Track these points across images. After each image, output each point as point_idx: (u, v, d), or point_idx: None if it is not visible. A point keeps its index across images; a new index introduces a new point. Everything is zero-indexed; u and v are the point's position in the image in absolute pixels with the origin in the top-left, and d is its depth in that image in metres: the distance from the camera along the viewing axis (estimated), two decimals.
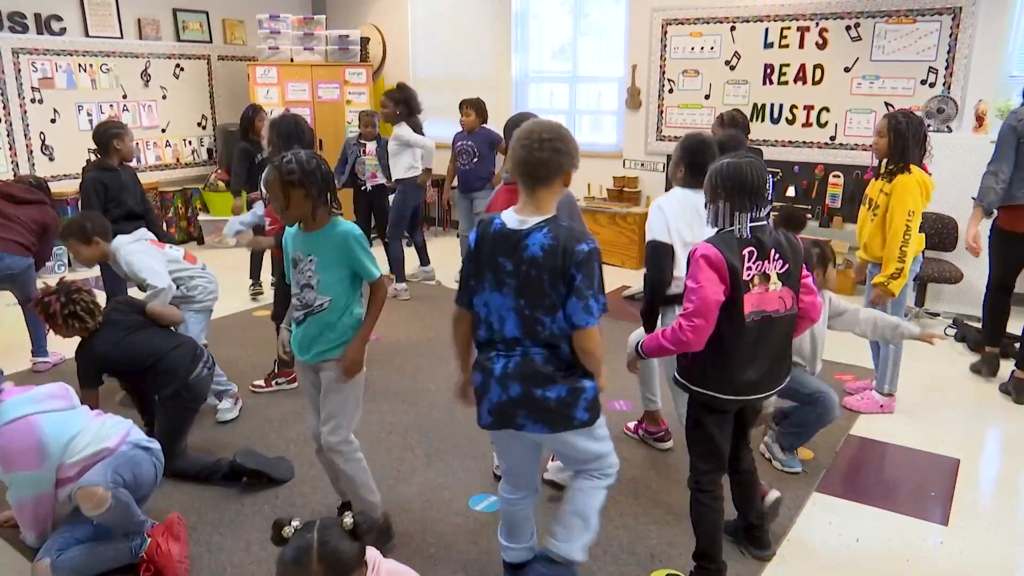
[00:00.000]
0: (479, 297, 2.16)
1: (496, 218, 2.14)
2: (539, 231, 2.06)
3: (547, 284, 2.05)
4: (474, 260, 2.17)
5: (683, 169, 3.04)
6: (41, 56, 6.82)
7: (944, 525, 2.95)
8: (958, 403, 4.06)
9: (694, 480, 2.47)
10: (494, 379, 2.14)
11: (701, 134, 3.16)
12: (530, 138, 2.06)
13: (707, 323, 2.20)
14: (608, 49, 7.39)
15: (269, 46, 7.78)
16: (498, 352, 2.15)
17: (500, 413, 2.16)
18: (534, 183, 2.08)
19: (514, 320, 2.10)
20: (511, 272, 2.08)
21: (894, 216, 3.48)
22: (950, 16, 5.51)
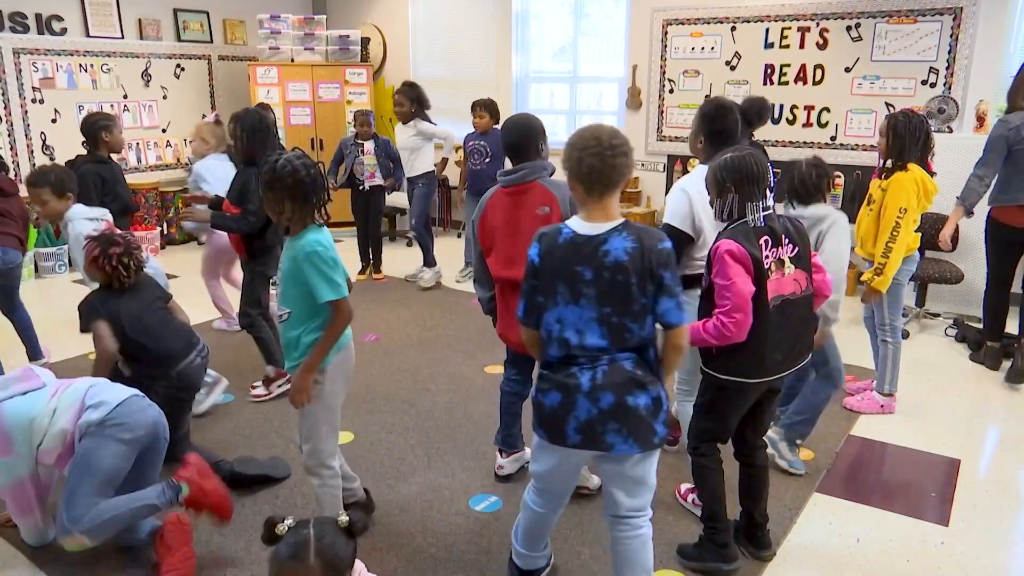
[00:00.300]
0: (550, 313, 2.05)
1: (562, 228, 2.05)
2: (618, 235, 2.00)
3: (635, 288, 1.98)
4: (538, 276, 2.06)
5: (703, 139, 2.91)
6: (42, 56, 6.82)
7: (945, 526, 2.95)
8: (958, 403, 4.06)
9: (693, 447, 2.56)
10: (582, 394, 2.02)
11: (719, 98, 2.99)
12: (600, 144, 1.98)
13: (746, 316, 2.27)
14: (608, 49, 7.39)
15: (270, 46, 7.78)
16: (580, 366, 2.04)
17: (589, 431, 2.04)
18: (605, 189, 2.01)
19: (598, 330, 2.01)
20: (590, 280, 1.99)
21: (886, 212, 3.51)
22: (951, 16, 5.51)
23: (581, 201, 2.05)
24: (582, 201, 2.05)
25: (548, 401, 2.08)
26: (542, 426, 2.12)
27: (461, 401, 4.02)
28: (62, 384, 2.61)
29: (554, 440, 2.09)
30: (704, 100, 2.97)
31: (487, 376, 4.35)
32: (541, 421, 2.12)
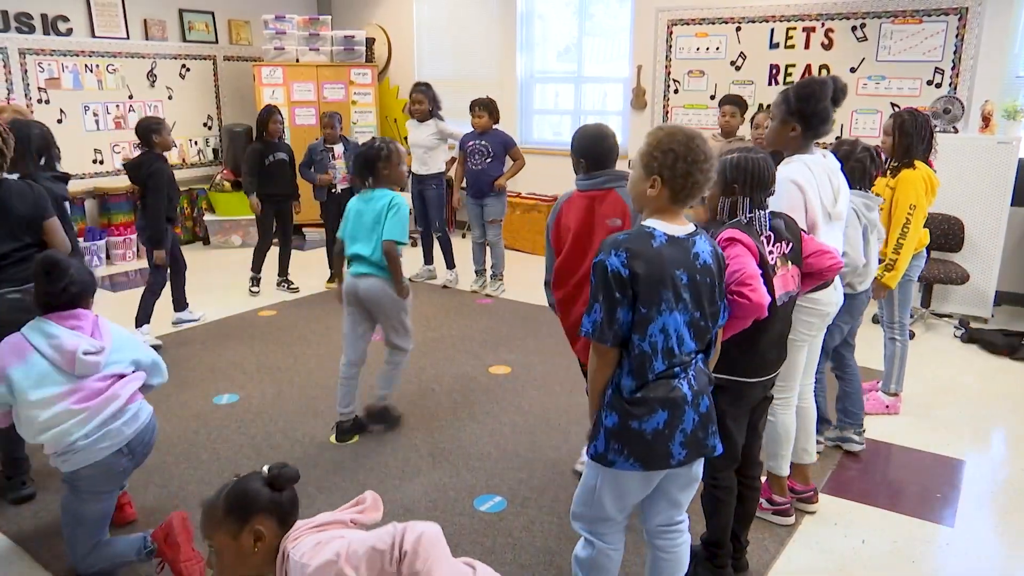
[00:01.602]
0: (653, 325, 1.88)
1: (652, 231, 1.91)
2: (700, 237, 1.96)
3: (717, 291, 1.98)
4: (629, 287, 1.86)
5: (797, 127, 2.65)
6: (48, 57, 6.84)
7: (950, 527, 2.94)
8: (964, 404, 4.05)
9: (711, 476, 2.45)
10: (688, 405, 1.92)
11: (813, 78, 2.70)
12: (709, 162, 1.90)
13: (760, 285, 2.11)
14: (613, 49, 7.39)
15: (275, 46, 7.79)
16: (677, 376, 1.92)
17: (694, 441, 1.96)
18: (692, 202, 1.96)
19: (689, 334, 1.93)
20: (687, 284, 1.90)
21: (896, 209, 3.51)
22: (956, 16, 5.50)
23: (660, 207, 1.94)
24: (661, 206, 1.93)
25: (650, 426, 1.90)
26: (638, 458, 1.92)
27: (466, 402, 4.02)
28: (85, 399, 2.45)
29: (652, 466, 1.94)
30: (794, 85, 2.69)
31: (491, 376, 4.35)
32: (637, 451, 1.92)
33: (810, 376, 2.94)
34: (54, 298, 2.49)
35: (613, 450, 1.94)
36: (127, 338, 2.65)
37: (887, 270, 3.51)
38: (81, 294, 2.55)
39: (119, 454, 2.48)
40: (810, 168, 2.62)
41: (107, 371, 2.50)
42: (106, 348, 2.49)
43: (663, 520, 2.15)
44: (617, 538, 2.12)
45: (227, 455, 3.42)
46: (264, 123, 5.77)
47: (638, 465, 1.93)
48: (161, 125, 4.72)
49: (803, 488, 3.01)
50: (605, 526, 2.08)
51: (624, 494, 2.03)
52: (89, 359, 2.43)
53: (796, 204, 2.57)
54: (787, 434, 2.83)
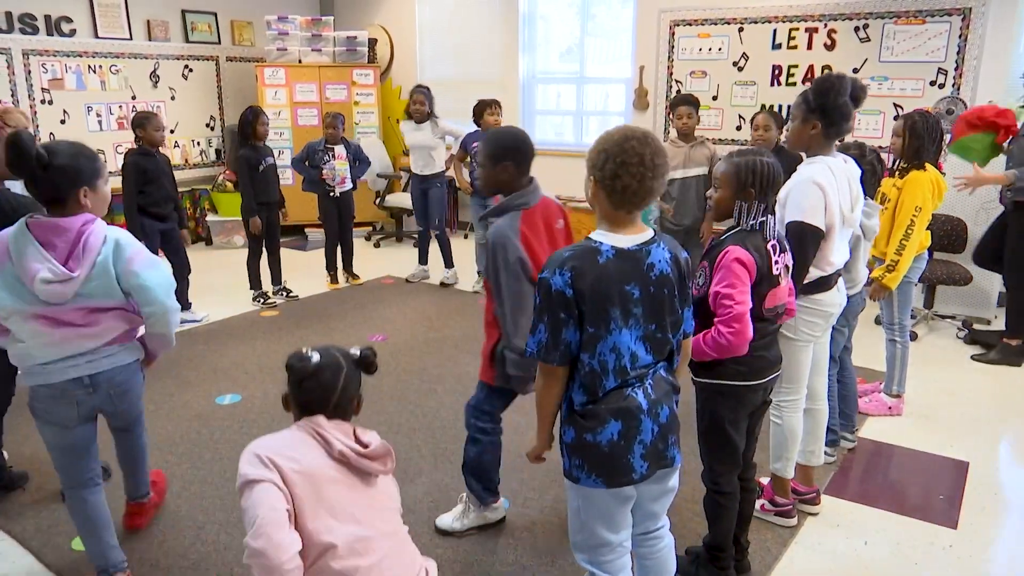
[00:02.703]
0: (602, 344, 1.80)
1: (597, 246, 1.81)
2: (656, 246, 1.85)
3: (676, 299, 1.89)
4: (573, 306, 1.78)
5: (818, 124, 2.60)
6: (51, 57, 6.86)
7: (953, 528, 2.93)
8: (967, 405, 4.04)
9: (712, 481, 2.45)
10: (644, 414, 1.84)
11: (830, 74, 2.66)
12: (643, 164, 1.77)
13: (745, 327, 2.18)
14: (615, 50, 7.38)
15: (277, 47, 7.80)
16: (631, 385, 1.85)
17: (654, 453, 1.88)
18: (635, 209, 1.84)
19: (644, 347, 1.85)
20: (638, 299, 1.81)
21: (901, 209, 3.50)
22: (960, 17, 5.49)
23: (603, 212, 1.86)
24: (606, 213, 1.85)
25: (604, 437, 1.83)
26: (599, 474, 1.86)
27: None
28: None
29: (614, 482, 1.86)
30: (813, 82, 2.64)
31: None
32: (596, 466, 1.85)
33: (822, 377, 2.93)
34: (34, 188, 2.21)
35: (576, 466, 1.89)
36: (122, 264, 2.25)
37: (888, 271, 3.51)
38: (65, 185, 2.19)
39: (77, 383, 2.31)
40: (832, 171, 2.60)
41: (83, 303, 2.23)
42: (77, 277, 2.18)
43: (639, 529, 2.10)
44: (621, 564, 2.01)
45: (229, 455, 3.42)
46: (251, 125, 5.47)
47: (600, 482, 1.86)
48: (147, 120, 4.72)
49: (805, 489, 3.00)
50: (605, 552, 1.98)
51: (605, 514, 1.94)
52: (49, 288, 2.16)
53: (817, 205, 2.54)
54: (793, 437, 2.82)
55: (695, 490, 2.78)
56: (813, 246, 2.58)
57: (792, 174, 2.68)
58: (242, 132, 5.50)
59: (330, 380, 1.81)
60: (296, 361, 1.82)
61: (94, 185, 2.26)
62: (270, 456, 1.68)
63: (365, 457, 1.77)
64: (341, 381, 1.81)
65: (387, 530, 1.80)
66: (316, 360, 1.80)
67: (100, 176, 2.29)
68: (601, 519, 1.95)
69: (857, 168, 2.76)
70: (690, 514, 2.94)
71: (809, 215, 2.54)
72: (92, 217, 2.25)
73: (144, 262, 2.29)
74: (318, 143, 5.95)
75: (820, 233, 2.57)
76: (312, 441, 1.77)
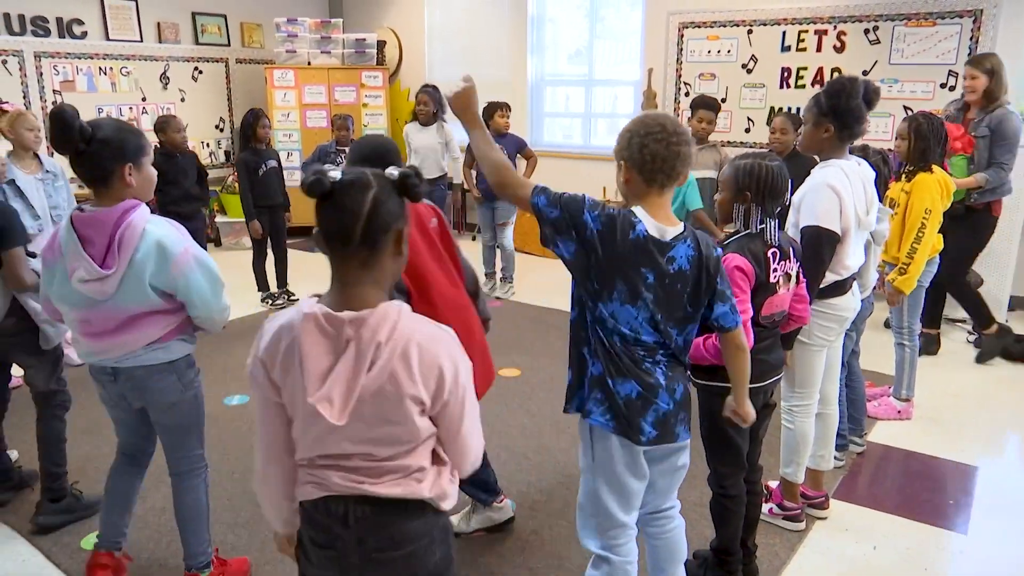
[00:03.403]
0: (604, 306, 1.88)
1: (635, 222, 1.85)
2: (683, 242, 1.88)
3: (688, 297, 1.91)
4: (584, 235, 1.83)
5: (831, 127, 2.59)
6: (63, 59, 6.90)
7: (964, 534, 2.91)
8: (977, 410, 4.01)
9: (718, 484, 2.45)
10: (662, 389, 1.93)
11: (842, 77, 2.65)
12: (665, 131, 1.84)
13: (747, 336, 2.15)
14: (624, 52, 7.38)
15: (287, 49, 7.83)
16: (646, 358, 1.93)
17: (664, 424, 1.94)
18: (667, 180, 1.87)
19: (649, 332, 1.91)
20: (651, 285, 1.86)
21: (911, 213, 3.48)
22: (971, 19, 5.46)
23: (639, 193, 1.90)
24: (641, 193, 1.90)
25: (624, 391, 1.91)
26: (612, 416, 1.92)
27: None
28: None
29: (622, 430, 1.92)
30: (825, 85, 2.64)
31: (501, 379, 4.34)
32: (612, 409, 1.92)
33: (833, 382, 2.92)
34: (78, 167, 2.13)
35: (594, 399, 1.95)
36: (166, 271, 2.12)
37: (900, 274, 3.49)
38: (108, 160, 2.11)
39: (102, 370, 2.28)
40: (847, 174, 2.59)
41: (115, 311, 2.14)
42: (112, 274, 2.09)
43: (650, 508, 2.15)
44: (630, 548, 2.06)
45: (238, 455, 3.43)
46: (252, 128, 5.50)
47: (611, 424, 1.92)
48: (167, 123, 4.91)
49: (814, 494, 2.99)
50: (617, 534, 2.04)
51: (620, 487, 1.99)
52: (87, 287, 2.10)
53: (831, 209, 2.53)
54: (804, 441, 2.81)
55: (702, 494, 2.77)
56: (829, 250, 2.56)
57: (806, 178, 2.67)
58: (243, 135, 5.57)
59: (353, 203, 1.36)
60: (310, 177, 1.36)
61: (139, 162, 2.16)
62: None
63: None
64: (367, 204, 1.36)
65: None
66: (335, 175, 1.37)
67: (145, 153, 2.19)
68: (616, 495, 1.99)
69: (871, 171, 2.75)
70: (697, 517, 2.93)
71: (824, 219, 2.53)
72: (133, 204, 2.12)
73: (188, 264, 2.14)
74: (329, 145, 5.96)
75: (836, 237, 2.56)
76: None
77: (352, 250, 1.38)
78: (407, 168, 1.43)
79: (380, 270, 1.42)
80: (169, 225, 2.18)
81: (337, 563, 1.49)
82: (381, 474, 1.45)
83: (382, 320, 1.37)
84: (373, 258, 1.40)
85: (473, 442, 1.52)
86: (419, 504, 1.48)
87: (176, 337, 2.27)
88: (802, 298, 2.45)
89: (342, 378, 1.36)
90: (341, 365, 1.36)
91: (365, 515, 1.46)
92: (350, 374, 1.36)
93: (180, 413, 2.36)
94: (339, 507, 1.47)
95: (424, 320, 1.44)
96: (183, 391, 2.32)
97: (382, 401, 1.38)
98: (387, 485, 1.45)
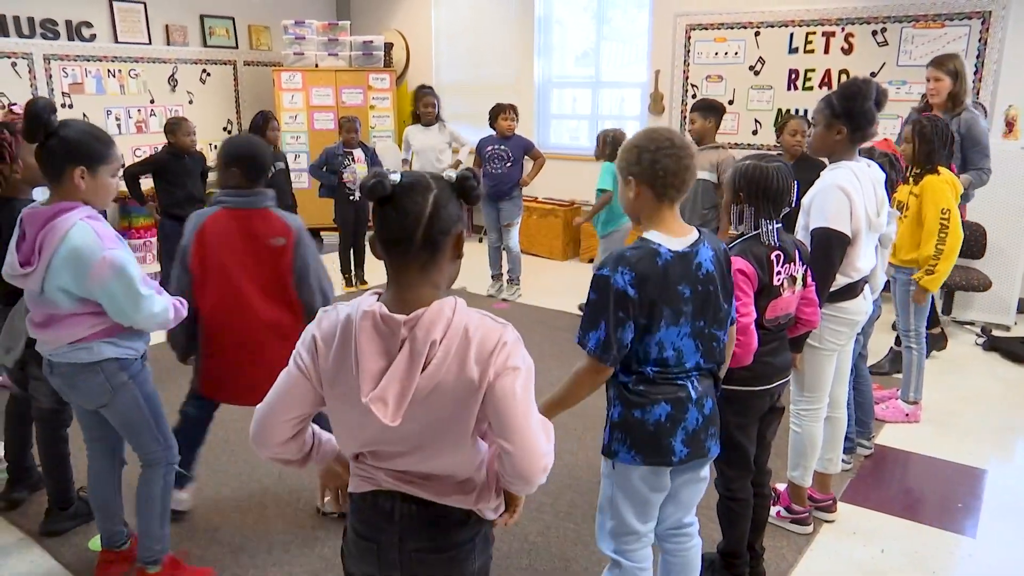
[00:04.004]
0: (650, 338, 1.87)
1: (657, 249, 1.84)
2: (702, 246, 1.89)
3: (721, 296, 1.92)
4: (632, 306, 1.82)
5: (843, 129, 2.57)
6: (72, 62, 6.93)
7: (972, 537, 2.90)
8: (985, 413, 3.99)
9: (725, 487, 2.45)
10: (692, 404, 1.92)
11: (855, 79, 2.64)
12: (675, 145, 1.84)
13: (751, 338, 2.18)
14: (631, 54, 7.38)
15: (294, 51, 7.85)
16: (679, 377, 1.92)
17: (694, 441, 1.94)
18: (677, 194, 1.87)
19: (691, 344, 1.90)
20: (689, 298, 1.87)
21: (927, 217, 3.48)
22: (979, 20, 5.44)
23: (650, 210, 1.89)
24: (652, 209, 1.89)
25: (653, 417, 1.89)
26: (639, 450, 1.92)
27: None
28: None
29: (653, 460, 1.92)
30: (838, 87, 2.63)
31: None
32: (638, 443, 1.91)
33: (843, 385, 2.91)
34: (40, 161, 2.15)
35: (617, 440, 1.94)
36: (80, 267, 2.10)
37: (928, 274, 3.48)
38: (61, 159, 2.12)
39: (42, 358, 2.31)
40: (857, 176, 2.58)
41: (49, 300, 2.15)
42: (31, 272, 2.12)
43: (672, 523, 2.14)
44: (644, 555, 2.07)
45: (245, 457, 3.44)
46: (261, 131, 5.52)
47: (639, 458, 1.91)
48: (177, 126, 4.92)
49: (822, 497, 2.98)
50: (631, 541, 2.04)
51: (639, 500, 2.00)
52: (13, 282, 2.17)
53: (842, 211, 2.52)
54: (813, 445, 2.80)
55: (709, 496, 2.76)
56: (839, 252, 2.55)
57: (815, 180, 2.66)
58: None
59: (414, 205, 1.34)
60: (370, 180, 1.34)
61: (95, 169, 2.16)
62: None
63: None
64: (429, 207, 1.34)
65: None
66: (396, 178, 1.35)
67: (105, 163, 2.19)
68: (634, 506, 2.00)
69: (881, 172, 2.74)
70: (704, 520, 2.91)
71: (834, 221, 2.52)
72: (68, 207, 2.12)
73: (104, 275, 2.11)
74: (336, 147, 5.97)
75: (846, 239, 2.54)
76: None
77: (413, 254, 1.35)
78: (466, 170, 1.41)
79: (439, 273, 1.40)
80: (93, 233, 2.12)
81: (376, 556, 1.49)
82: (430, 477, 1.45)
83: (437, 317, 1.35)
84: (432, 261, 1.37)
85: (541, 446, 1.44)
86: (465, 512, 1.48)
87: (103, 339, 2.24)
88: (811, 302, 2.44)
89: (396, 378, 1.34)
90: (396, 366, 1.34)
91: (411, 514, 1.46)
92: (404, 374, 1.34)
93: (116, 412, 2.35)
94: (387, 503, 1.47)
95: (480, 314, 1.42)
96: (112, 393, 2.29)
97: (436, 400, 1.36)
98: (435, 490, 1.45)
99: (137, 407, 2.35)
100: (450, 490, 1.45)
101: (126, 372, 2.30)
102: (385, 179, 1.33)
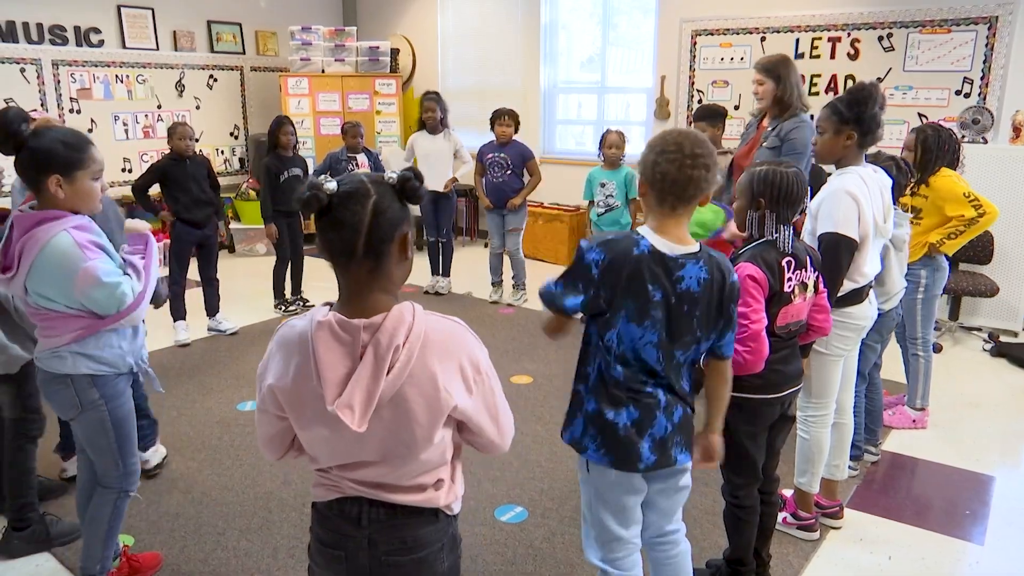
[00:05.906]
0: (611, 330, 1.84)
1: (638, 239, 1.82)
2: (694, 263, 1.83)
3: (697, 320, 1.86)
4: (592, 285, 1.82)
5: (853, 134, 2.57)
6: (80, 68, 6.97)
7: (980, 544, 2.88)
8: (993, 419, 3.98)
9: (731, 495, 2.43)
10: (660, 411, 1.89)
11: (862, 84, 2.64)
12: (681, 151, 1.80)
13: (761, 345, 2.16)
14: (637, 60, 7.38)
15: (301, 57, 7.88)
16: (646, 383, 1.89)
17: (662, 448, 1.91)
18: (677, 202, 1.83)
19: (653, 354, 1.86)
20: (659, 303, 1.81)
21: (946, 207, 3.51)
22: (986, 26, 5.43)
23: (651, 209, 1.88)
24: (653, 210, 1.88)
25: (621, 420, 1.88)
26: (608, 451, 1.90)
27: None
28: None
29: (621, 464, 1.90)
30: (846, 92, 2.62)
31: (513, 387, 4.35)
32: (607, 444, 1.90)
33: (849, 392, 2.90)
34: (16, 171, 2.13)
35: (589, 436, 1.93)
36: (63, 278, 2.10)
37: (950, 238, 3.51)
38: (33, 171, 2.11)
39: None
40: (865, 181, 2.58)
41: (34, 303, 2.16)
42: (14, 278, 2.13)
43: (655, 531, 2.11)
44: (631, 562, 2.03)
45: (250, 461, 3.44)
46: (274, 135, 5.55)
47: (607, 459, 1.90)
48: (173, 130, 4.87)
49: (828, 503, 2.97)
50: (616, 548, 2.02)
51: (615, 505, 1.98)
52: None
53: (850, 216, 2.52)
54: (820, 451, 2.79)
55: (716, 503, 2.76)
56: (847, 257, 2.55)
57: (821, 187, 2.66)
58: (269, 141, 5.65)
59: (352, 216, 1.32)
60: (306, 192, 1.31)
61: (71, 175, 2.12)
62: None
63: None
64: (368, 216, 1.32)
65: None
66: (331, 188, 1.32)
67: (80, 168, 2.14)
68: (611, 510, 1.98)
69: (888, 178, 2.74)
70: (711, 527, 2.92)
71: (842, 226, 2.51)
72: (52, 215, 2.10)
73: (87, 286, 2.11)
74: (340, 153, 5.96)
75: (854, 244, 2.54)
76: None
77: (356, 263, 1.35)
78: (406, 171, 1.39)
79: (387, 278, 1.40)
80: (73, 244, 2.10)
81: (344, 564, 1.49)
82: (399, 481, 1.45)
83: (398, 323, 1.35)
84: (379, 268, 1.37)
85: (510, 418, 1.54)
86: (433, 511, 1.49)
87: (78, 351, 2.21)
88: (823, 308, 2.43)
89: (362, 384, 1.34)
90: (360, 371, 1.34)
91: (379, 518, 1.46)
92: (370, 380, 1.34)
93: (82, 428, 2.32)
94: (353, 508, 1.47)
95: (436, 316, 1.43)
96: (80, 410, 2.26)
97: (402, 403, 1.37)
98: (405, 493, 1.45)
99: (102, 430, 2.30)
100: (420, 491, 1.47)
101: (98, 391, 2.26)
102: (320, 191, 1.31)
